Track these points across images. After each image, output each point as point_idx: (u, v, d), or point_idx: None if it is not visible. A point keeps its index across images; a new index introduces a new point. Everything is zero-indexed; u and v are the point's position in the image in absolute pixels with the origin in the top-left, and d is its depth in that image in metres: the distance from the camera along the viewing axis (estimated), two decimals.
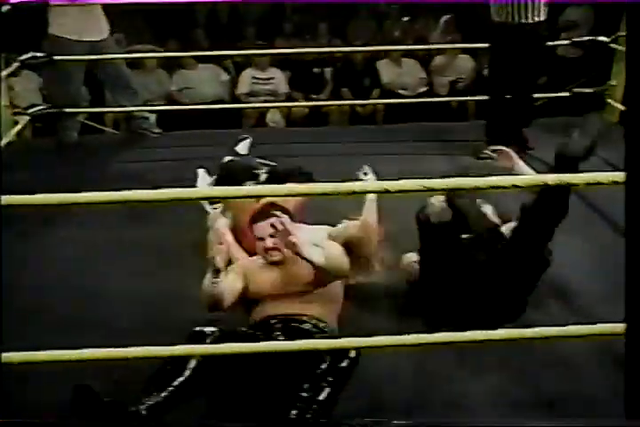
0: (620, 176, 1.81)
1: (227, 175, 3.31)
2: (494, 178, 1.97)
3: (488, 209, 2.90)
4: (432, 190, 1.69)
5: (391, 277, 2.97)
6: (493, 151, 3.06)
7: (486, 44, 4.43)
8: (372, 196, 2.85)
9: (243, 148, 3.79)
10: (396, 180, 1.81)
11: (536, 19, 3.94)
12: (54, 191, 1.92)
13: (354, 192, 2.03)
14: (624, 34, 4.73)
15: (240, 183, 2.97)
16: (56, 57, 4.67)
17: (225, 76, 6.93)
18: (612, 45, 4.82)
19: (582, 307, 2.86)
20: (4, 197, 1.85)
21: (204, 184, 3.44)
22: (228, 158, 3.57)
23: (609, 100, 4.98)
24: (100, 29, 4.79)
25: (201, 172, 3.58)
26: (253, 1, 7.36)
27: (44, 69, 5.16)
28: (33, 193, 1.89)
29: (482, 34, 6.04)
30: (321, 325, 2.49)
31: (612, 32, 4.80)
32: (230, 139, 4.87)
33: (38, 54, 4.73)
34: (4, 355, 1.97)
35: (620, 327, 1.83)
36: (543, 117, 5.42)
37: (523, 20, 3.92)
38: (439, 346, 2.34)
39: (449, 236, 2.65)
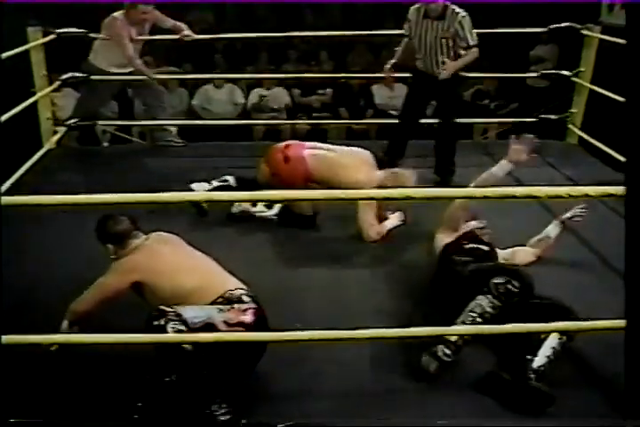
0: (620, 190, 1.83)
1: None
2: (469, 189, 2.01)
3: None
4: (412, 199, 1.75)
5: None
6: None
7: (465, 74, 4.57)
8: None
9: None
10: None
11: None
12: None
13: (342, 199, 2.06)
14: (583, 69, 4.84)
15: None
16: (92, 77, 4.78)
17: (240, 99, 7.00)
18: (573, 79, 4.92)
19: None
20: (3, 198, 1.89)
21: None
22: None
23: (570, 126, 5.07)
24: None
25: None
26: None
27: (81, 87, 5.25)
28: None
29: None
30: None
31: (574, 67, 4.91)
32: (241, 150, 5.02)
33: (77, 74, 4.82)
34: (4, 337, 1.98)
35: (620, 323, 1.87)
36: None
37: (436, 73, 4.10)
38: None
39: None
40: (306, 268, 3.26)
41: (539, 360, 2.41)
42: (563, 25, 4.79)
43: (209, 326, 2.27)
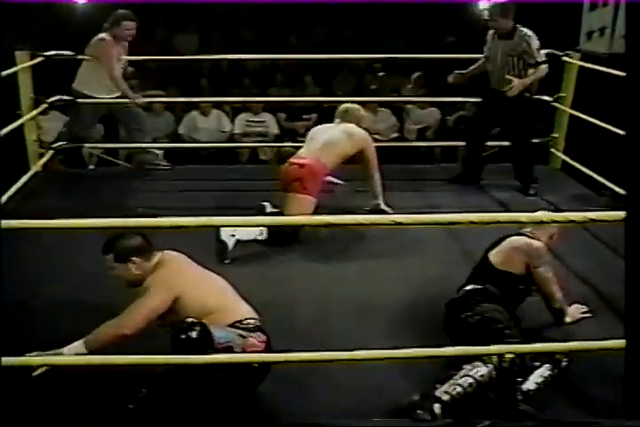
0: (620, 215, 1.90)
1: None
2: (454, 215, 2.04)
3: None
4: (401, 224, 1.79)
5: None
6: None
7: (449, 98, 4.82)
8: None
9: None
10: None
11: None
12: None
13: (330, 224, 2.07)
14: (564, 94, 4.97)
15: None
16: (79, 100, 4.81)
17: (227, 127, 7.00)
18: (554, 104, 5.04)
19: None
20: (4, 222, 1.89)
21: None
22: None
23: (552, 150, 5.18)
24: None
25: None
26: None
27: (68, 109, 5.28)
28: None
29: (446, 89, 6.27)
30: None
31: (555, 92, 5.03)
32: (227, 173, 5.07)
33: (65, 97, 4.85)
34: (4, 359, 1.97)
35: (620, 343, 1.92)
36: (496, 163, 5.62)
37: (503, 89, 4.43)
38: None
39: None
40: (294, 286, 3.28)
41: (528, 384, 2.47)
42: (544, 51, 4.92)
43: (228, 349, 2.30)
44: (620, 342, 1.94)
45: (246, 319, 2.44)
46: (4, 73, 4.24)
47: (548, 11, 5.80)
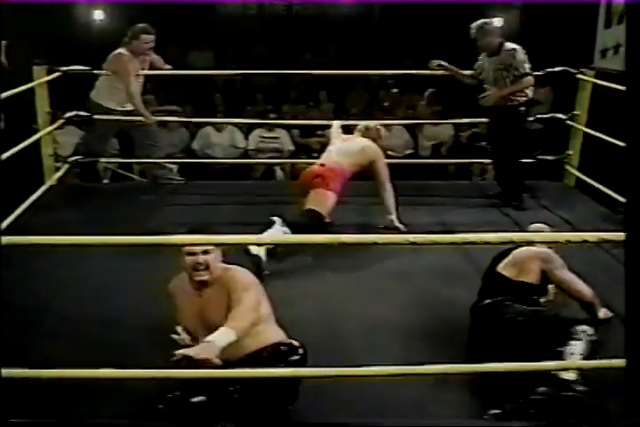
0: (620, 236, 1.89)
1: None
2: (468, 235, 2.01)
3: None
4: (415, 244, 1.78)
5: None
6: None
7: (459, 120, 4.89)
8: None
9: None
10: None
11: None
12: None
13: (344, 243, 2.05)
14: (578, 112, 4.95)
15: None
16: (95, 116, 4.84)
17: (241, 143, 7.00)
18: (568, 122, 5.03)
19: None
20: (4, 238, 1.87)
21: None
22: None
23: (567, 167, 5.16)
24: None
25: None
26: None
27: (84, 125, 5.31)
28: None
29: (460, 106, 6.27)
30: None
31: (568, 110, 5.02)
32: (241, 188, 5.09)
33: (81, 113, 4.89)
34: (4, 371, 1.96)
35: (620, 362, 1.92)
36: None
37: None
38: None
39: None
40: (304, 304, 3.26)
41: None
42: (558, 69, 4.93)
43: None
44: (620, 362, 1.92)
45: (290, 343, 2.48)
46: (22, 88, 4.31)
47: (562, 28, 5.81)
